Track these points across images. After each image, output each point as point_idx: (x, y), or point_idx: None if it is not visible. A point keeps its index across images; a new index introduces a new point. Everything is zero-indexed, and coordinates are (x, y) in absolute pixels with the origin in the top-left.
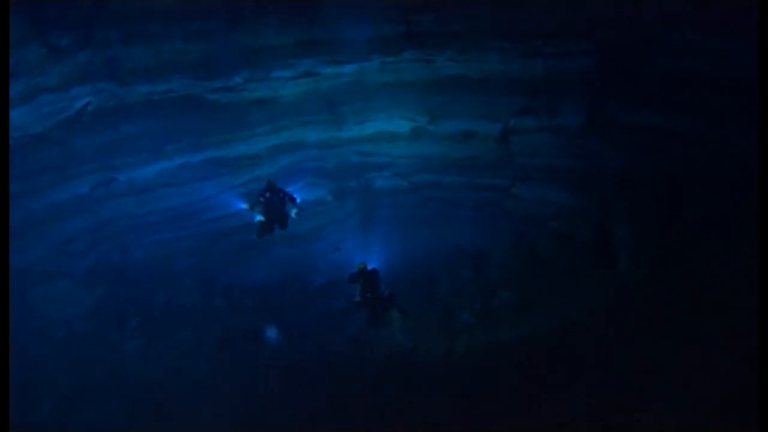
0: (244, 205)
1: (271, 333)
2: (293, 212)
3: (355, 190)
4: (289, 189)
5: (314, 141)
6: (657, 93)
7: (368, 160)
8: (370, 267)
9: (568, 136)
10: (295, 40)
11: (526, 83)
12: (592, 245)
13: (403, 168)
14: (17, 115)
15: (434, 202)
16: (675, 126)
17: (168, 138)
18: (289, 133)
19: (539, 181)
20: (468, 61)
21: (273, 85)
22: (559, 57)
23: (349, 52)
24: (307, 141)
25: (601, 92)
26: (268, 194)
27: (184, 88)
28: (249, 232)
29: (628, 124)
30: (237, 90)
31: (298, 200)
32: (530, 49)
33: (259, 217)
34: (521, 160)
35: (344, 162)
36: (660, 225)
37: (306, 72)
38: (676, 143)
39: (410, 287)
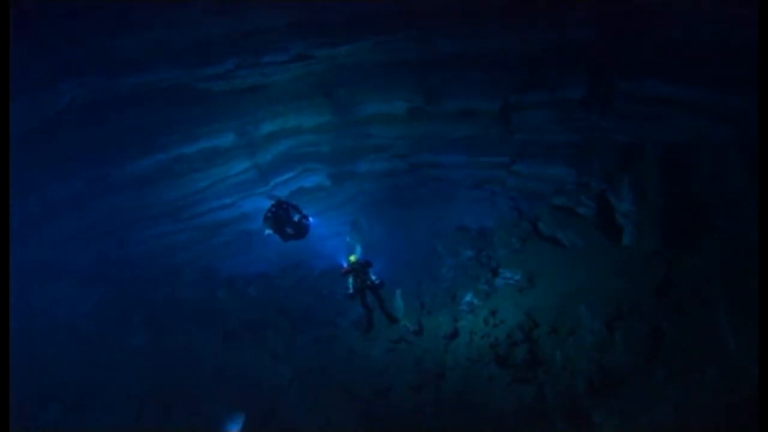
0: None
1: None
2: (296, 217)
3: (354, 174)
4: (288, 175)
5: (310, 126)
6: (659, 62)
7: (366, 143)
8: (363, 257)
9: (569, 110)
10: (285, 22)
11: (525, 58)
12: (595, 220)
13: (401, 149)
14: None
15: (434, 182)
16: (678, 95)
17: (160, 130)
18: (283, 119)
19: (540, 157)
20: (464, 38)
21: (265, 71)
22: (559, 29)
23: (343, 33)
24: (302, 126)
25: (602, 64)
26: (274, 209)
27: (173, 77)
28: (247, 222)
29: (629, 95)
30: (228, 77)
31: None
32: (529, 23)
33: (268, 232)
34: (522, 137)
35: (341, 146)
36: (665, 198)
37: (298, 55)
38: (680, 113)
39: (412, 268)
